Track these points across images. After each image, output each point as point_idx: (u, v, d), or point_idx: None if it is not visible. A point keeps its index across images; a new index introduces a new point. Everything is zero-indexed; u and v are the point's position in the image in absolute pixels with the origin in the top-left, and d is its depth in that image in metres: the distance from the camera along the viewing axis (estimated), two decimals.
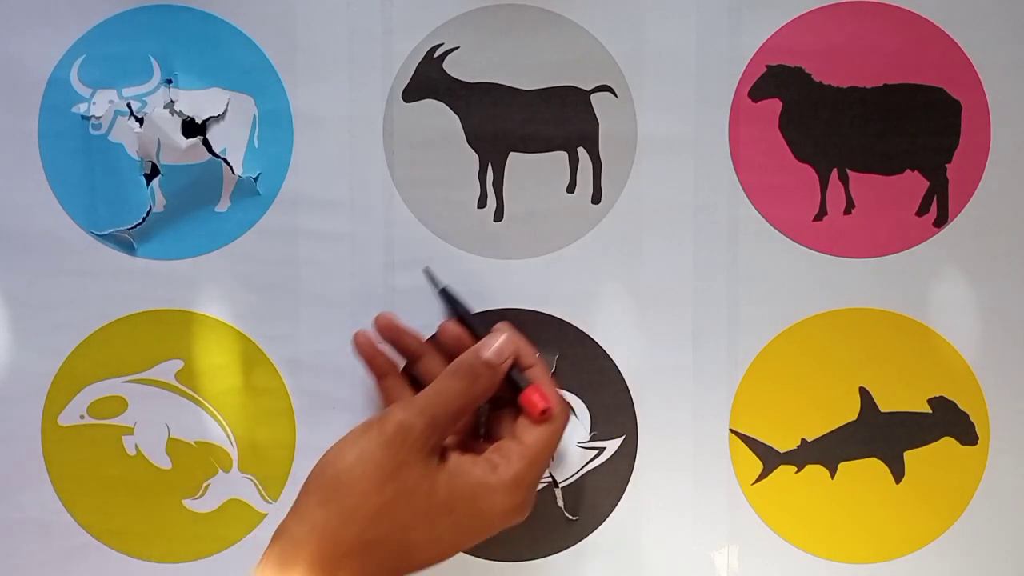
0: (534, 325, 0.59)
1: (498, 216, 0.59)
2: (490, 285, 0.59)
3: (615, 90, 0.59)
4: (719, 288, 0.59)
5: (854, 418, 0.60)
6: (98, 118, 0.59)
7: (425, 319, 0.59)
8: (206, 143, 0.59)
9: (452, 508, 0.48)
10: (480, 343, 0.52)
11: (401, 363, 0.57)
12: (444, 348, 0.56)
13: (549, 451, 0.51)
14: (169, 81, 0.59)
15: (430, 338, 0.58)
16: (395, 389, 0.56)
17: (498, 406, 0.55)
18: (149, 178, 0.59)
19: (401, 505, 0.47)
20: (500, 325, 0.55)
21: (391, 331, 0.56)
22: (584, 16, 0.58)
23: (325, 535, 0.46)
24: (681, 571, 0.60)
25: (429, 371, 0.56)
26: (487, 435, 0.56)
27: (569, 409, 0.52)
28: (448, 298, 0.57)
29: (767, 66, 0.58)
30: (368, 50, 0.59)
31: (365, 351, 0.56)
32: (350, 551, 0.46)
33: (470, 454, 0.51)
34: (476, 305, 0.59)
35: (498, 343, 0.51)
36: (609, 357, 0.60)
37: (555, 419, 0.51)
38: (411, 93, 0.59)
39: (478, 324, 0.56)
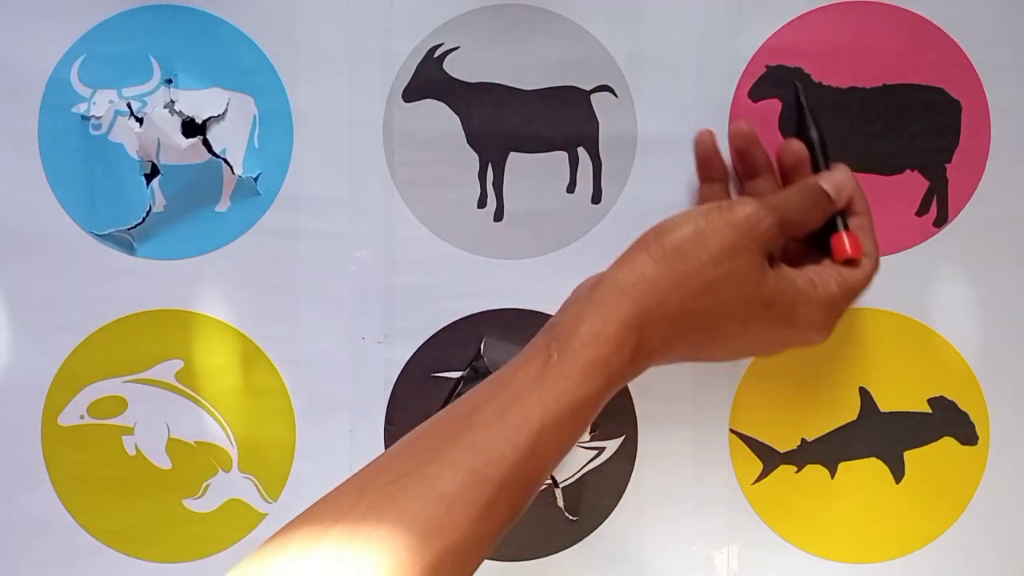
0: (534, 325, 0.59)
1: (498, 216, 0.59)
2: (490, 285, 0.59)
3: (615, 90, 0.59)
4: None
5: (854, 418, 0.60)
6: (98, 118, 0.59)
7: (425, 319, 0.59)
8: (206, 143, 0.59)
9: (773, 303, 0.49)
10: (824, 174, 0.53)
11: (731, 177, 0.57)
12: (783, 165, 0.55)
13: (860, 290, 0.52)
14: (169, 81, 0.59)
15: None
16: (718, 196, 0.56)
17: (805, 237, 0.54)
18: (149, 178, 0.59)
19: (731, 286, 0.48)
20: (841, 165, 0.55)
21: (745, 139, 0.55)
22: (584, 16, 0.58)
23: (653, 290, 0.47)
24: (681, 571, 0.60)
25: (761, 190, 0.56)
26: (787, 261, 0.55)
27: (877, 262, 0.53)
28: (802, 113, 0.57)
29: (767, 66, 0.58)
30: (368, 50, 0.59)
31: (704, 150, 0.56)
32: (669, 313, 0.47)
33: (791, 268, 0.51)
34: (476, 305, 0.59)
35: (838, 179, 0.53)
36: None
37: (866, 263, 0.52)
38: (411, 93, 0.59)
39: (823, 152, 0.55)
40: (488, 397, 0.46)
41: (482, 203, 0.59)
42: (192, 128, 0.59)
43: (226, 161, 0.58)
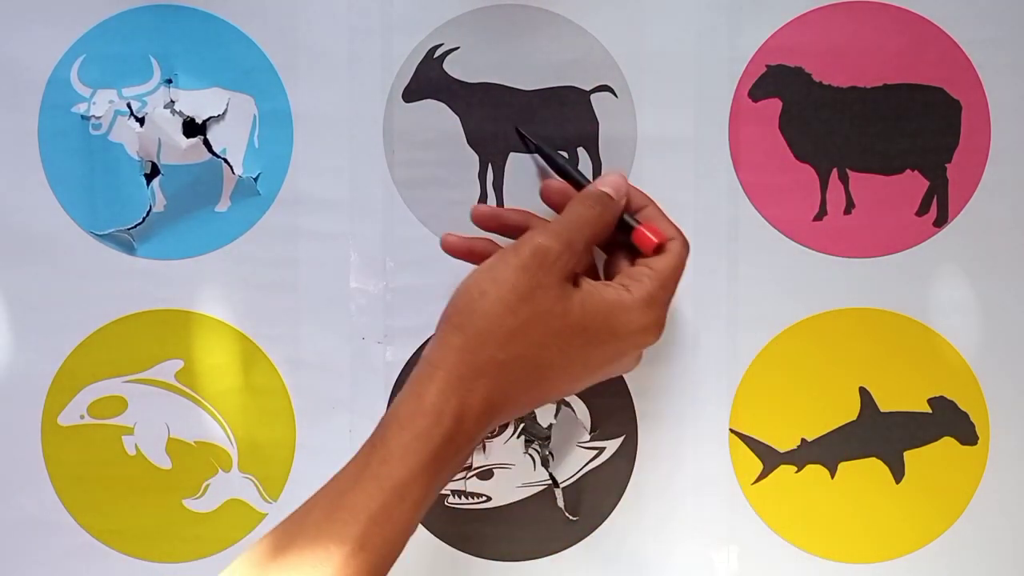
0: None
1: None
2: None
3: (615, 90, 0.59)
4: (719, 288, 0.59)
5: (854, 418, 0.60)
6: (98, 118, 0.59)
7: (425, 319, 0.59)
8: (206, 143, 0.59)
9: (586, 327, 0.49)
10: (597, 180, 0.53)
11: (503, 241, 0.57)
12: (551, 204, 0.55)
13: (677, 273, 0.51)
14: (169, 81, 0.59)
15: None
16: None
17: (612, 251, 0.54)
18: (149, 178, 0.59)
19: (535, 326, 0.48)
20: (609, 171, 0.55)
21: (491, 219, 0.56)
22: (584, 16, 0.58)
23: (460, 356, 0.47)
24: (681, 571, 0.60)
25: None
26: (606, 277, 0.55)
27: (685, 240, 0.53)
28: (544, 155, 0.57)
29: (767, 66, 0.58)
30: (368, 50, 0.59)
31: (459, 250, 0.56)
32: (484, 370, 0.47)
33: (600, 281, 0.51)
34: None
35: (612, 179, 0.53)
36: None
37: (673, 245, 0.52)
38: (411, 93, 0.59)
39: (581, 175, 0.55)
40: (320, 497, 0.46)
41: (482, 203, 0.59)
42: (192, 128, 0.59)
43: (226, 161, 0.58)
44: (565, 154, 0.58)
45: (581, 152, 0.59)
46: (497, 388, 0.48)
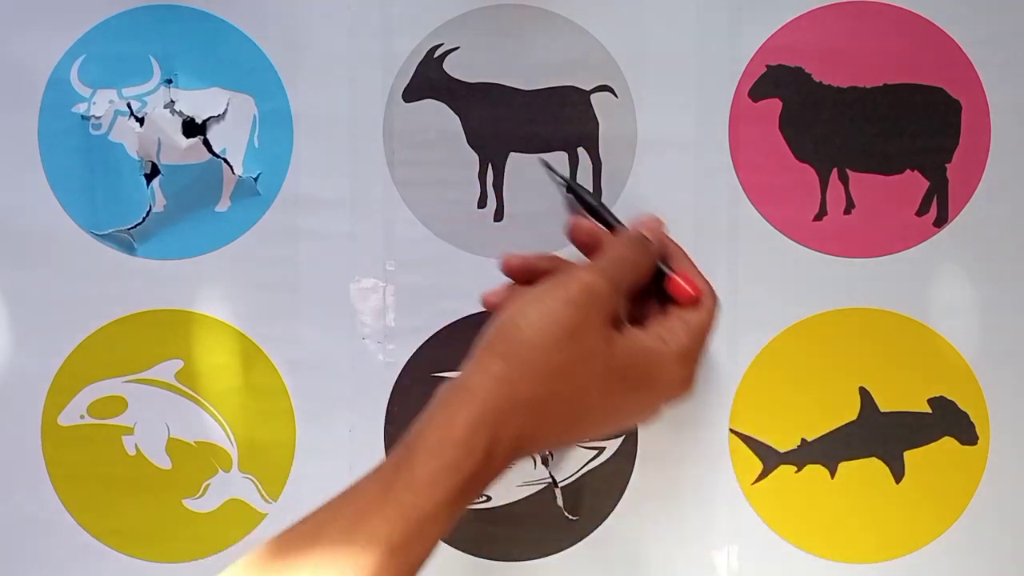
0: None
1: (498, 216, 0.59)
2: (490, 285, 0.59)
3: (615, 90, 0.59)
4: (719, 288, 0.59)
5: (854, 418, 0.60)
6: (98, 118, 0.59)
7: (425, 319, 0.59)
8: (206, 143, 0.59)
9: (626, 374, 0.48)
10: (635, 222, 0.53)
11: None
12: (579, 244, 0.53)
13: (706, 328, 0.51)
14: (169, 81, 0.59)
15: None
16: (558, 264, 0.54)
17: (642, 296, 0.53)
18: (149, 178, 0.59)
19: (580, 365, 0.46)
20: (646, 215, 0.55)
21: (523, 270, 0.53)
22: (584, 16, 0.58)
23: (499, 387, 0.45)
24: (681, 571, 0.60)
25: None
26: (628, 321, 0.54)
27: (716, 297, 0.52)
28: (576, 193, 0.55)
29: (767, 66, 0.58)
30: (368, 50, 0.59)
31: (520, 272, 0.53)
32: (523, 406, 0.45)
33: (638, 326, 0.50)
34: (476, 305, 0.59)
35: (650, 222, 0.53)
36: None
37: (706, 300, 0.51)
38: (411, 93, 0.59)
39: (613, 216, 0.54)
40: (335, 514, 0.44)
41: (482, 203, 0.59)
42: (192, 128, 0.59)
43: (226, 161, 0.58)
44: (591, 190, 0.57)
45: (581, 152, 0.59)
46: (531, 425, 0.46)
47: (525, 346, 0.46)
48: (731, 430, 0.60)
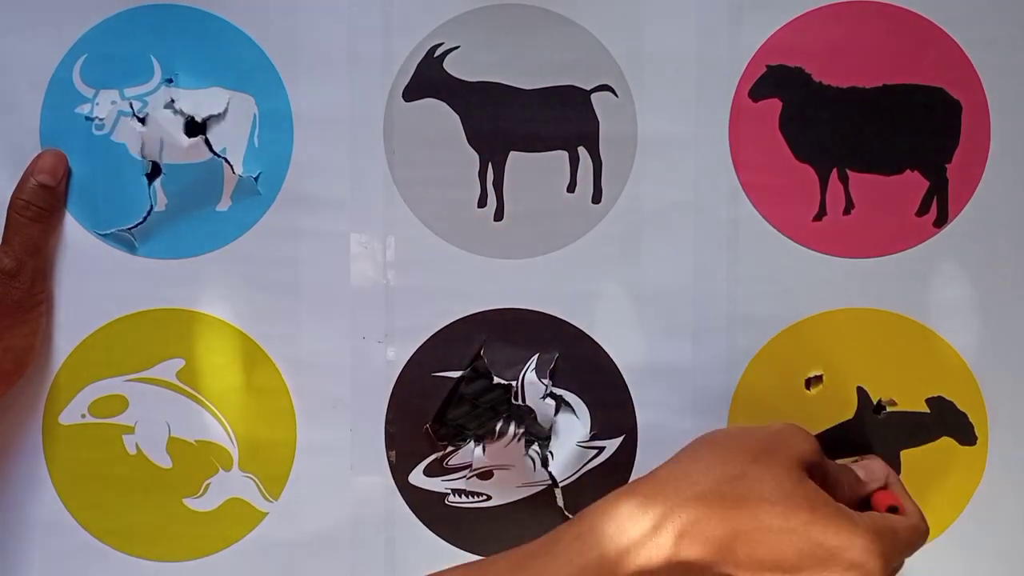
0: (534, 325, 0.59)
1: (498, 216, 0.59)
2: (490, 285, 0.59)
3: (615, 90, 0.59)
4: (719, 288, 0.59)
5: (851, 417, 0.60)
6: (102, 119, 0.59)
7: (425, 319, 0.59)
8: (207, 142, 0.59)
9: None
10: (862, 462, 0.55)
11: None
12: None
13: (907, 536, 0.51)
14: (170, 80, 0.59)
15: None
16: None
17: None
18: (151, 178, 0.59)
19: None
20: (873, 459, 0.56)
21: None
22: (584, 16, 0.58)
23: (707, 547, 0.47)
24: None
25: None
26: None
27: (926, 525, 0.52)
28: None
29: (767, 66, 0.58)
30: (368, 49, 0.59)
31: None
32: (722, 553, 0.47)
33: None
34: (476, 306, 0.59)
35: (872, 466, 0.55)
36: (609, 357, 0.60)
37: (913, 518, 0.52)
38: (411, 92, 0.59)
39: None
40: None
41: (482, 203, 0.59)
42: (193, 127, 0.59)
43: (227, 160, 0.59)
44: None
45: (581, 151, 0.59)
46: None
47: (751, 521, 0.47)
48: None
